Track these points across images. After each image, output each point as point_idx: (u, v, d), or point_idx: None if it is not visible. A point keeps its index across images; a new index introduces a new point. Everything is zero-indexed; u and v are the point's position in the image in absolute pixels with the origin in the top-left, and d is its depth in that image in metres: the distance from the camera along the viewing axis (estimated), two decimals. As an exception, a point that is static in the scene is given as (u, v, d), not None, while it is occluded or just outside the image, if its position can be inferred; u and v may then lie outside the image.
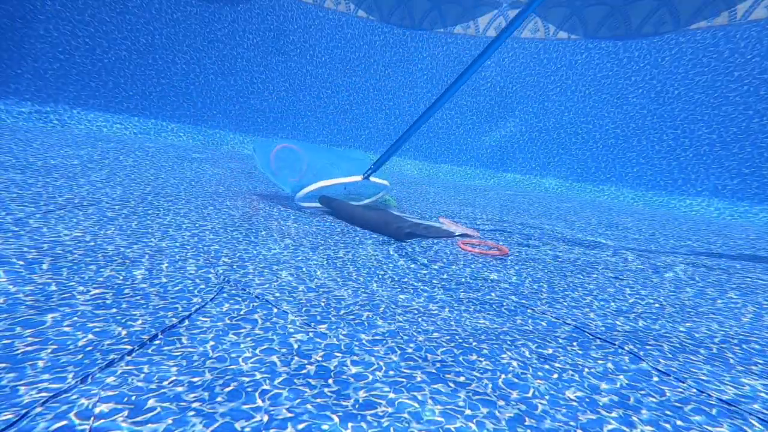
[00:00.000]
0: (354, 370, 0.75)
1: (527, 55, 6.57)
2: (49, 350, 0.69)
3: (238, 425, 0.57)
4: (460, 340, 0.93)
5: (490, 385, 0.76)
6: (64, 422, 0.54)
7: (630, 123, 6.02)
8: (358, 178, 2.23)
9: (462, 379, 0.77)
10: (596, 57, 6.23)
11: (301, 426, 0.59)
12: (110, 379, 0.64)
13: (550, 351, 0.93)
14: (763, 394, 0.83)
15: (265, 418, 0.59)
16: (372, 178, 2.30)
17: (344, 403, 0.65)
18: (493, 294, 1.29)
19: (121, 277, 1.03)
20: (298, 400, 0.64)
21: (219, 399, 0.62)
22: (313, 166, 2.36)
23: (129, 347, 0.73)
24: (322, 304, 1.04)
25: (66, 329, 0.77)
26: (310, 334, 0.87)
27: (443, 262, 1.60)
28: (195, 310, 0.91)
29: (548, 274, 1.59)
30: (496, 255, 1.78)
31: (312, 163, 2.40)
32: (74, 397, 0.59)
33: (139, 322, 0.83)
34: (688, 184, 5.51)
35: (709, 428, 0.70)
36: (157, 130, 5.65)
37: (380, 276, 1.33)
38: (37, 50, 5.10)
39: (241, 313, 0.94)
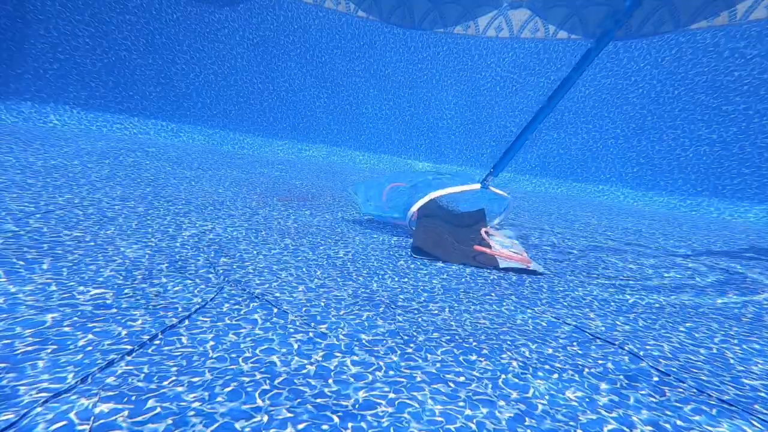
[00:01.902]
0: (354, 370, 0.75)
1: (527, 55, 6.57)
2: (49, 350, 0.69)
3: (238, 425, 0.57)
4: (460, 340, 0.93)
5: (490, 385, 0.76)
6: (64, 422, 0.54)
7: (630, 123, 6.02)
8: (475, 186, 1.92)
9: (462, 379, 0.77)
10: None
11: (301, 426, 0.59)
12: (110, 379, 0.64)
13: (550, 351, 0.93)
14: (762, 394, 0.83)
15: (265, 418, 0.59)
16: (492, 188, 1.99)
17: (344, 403, 0.65)
18: (493, 294, 1.29)
19: (121, 277, 1.03)
20: (298, 400, 0.64)
21: (219, 399, 0.62)
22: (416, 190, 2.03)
23: (129, 347, 0.73)
24: (322, 304, 1.04)
25: (66, 329, 0.76)
26: (310, 334, 0.87)
27: (443, 262, 1.60)
28: (195, 310, 0.91)
29: (547, 277, 1.59)
30: (519, 262, 1.62)
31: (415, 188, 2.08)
32: (74, 397, 0.59)
33: (139, 322, 0.83)
34: (687, 184, 5.51)
35: (709, 428, 0.70)
36: (157, 130, 5.65)
37: (380, 276, 1.33)
38: (37, 50, 5.10)
39: (241, 313, 0.94)
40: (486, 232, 1.89)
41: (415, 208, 1.81)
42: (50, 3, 5.09)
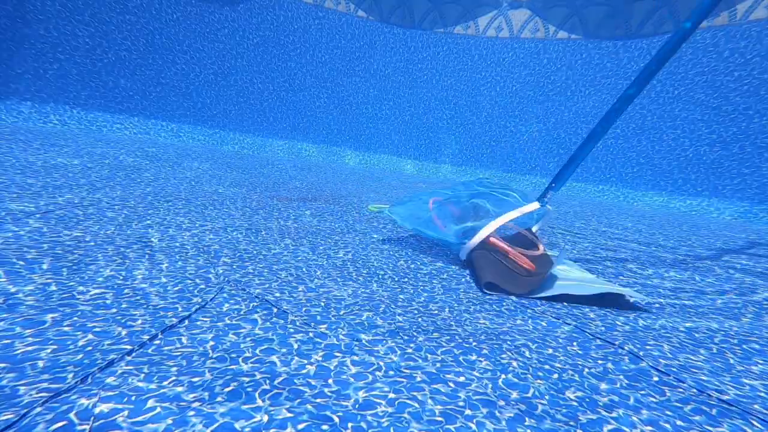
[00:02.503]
0: (354, 370, 0.75)
1: (527, 55, 6.57)
2: (49, 350, 0.69)
3: (238, 425, 0.57)
4: (460, 340, 0.93)
5: (490, 385, 0.76)
6: (64, 422, 0.54)
7: (630, 123, 6.03)
8: (534, 205, 1.66)
9: (462, 379, 0.77)
10: (596, 57, 6.23)
11: (301, 426, 0.59)
12: (110, 379, 0.64)
13: (550, 351, 0.93)
14: (763, 394, 0.83)
15: (265, 418, 0.59)
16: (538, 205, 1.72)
17: (344, 403, 0.65)
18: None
19: (121, 277, 1.03)
20: (298, 400, 0.64)
21: (219, 399, 0.62)
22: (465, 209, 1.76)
23: (129, 347, 0.73)
24: (322, 304, 1.04)
25: (66, 329, 0.76)
26: (310, 334, 0.87)
27: (443, 262, 1.60)
28: (195, 310, 0.91)
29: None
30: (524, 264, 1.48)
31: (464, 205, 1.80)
32: (74, 397, 0.59)
33: (139, 322, 0.83)
34: (688, 184, 5.51)
35: (709, 428, 0.70)
36: (157, 130, 5.65)
37: (380, 276, 1.33)
38: (37, 50, 5.10)
39: (241, 313, 0.94)
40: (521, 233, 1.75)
41: (477, 239, 1.54)
42: (50, 3, 5.09)
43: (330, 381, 0.71)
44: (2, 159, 2.32)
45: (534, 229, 1.92)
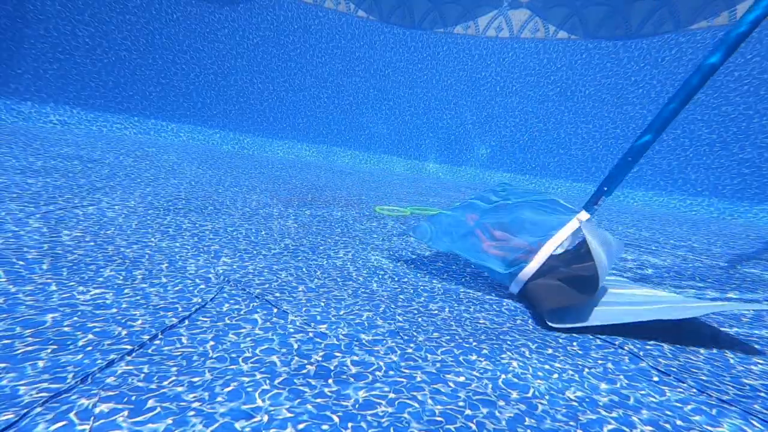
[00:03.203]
0: (354, 370, 0.75)
1: (527, 55, 6.57)
2: (49, 350, 0.69)
3: (238, 425, 0.57)
4: (460, 340, 0.93)
5: (490, 385, 0.76)
6: (64, 422, 0.54)
7: (630, 123, 6.03)
8: (583, 216, 1.35)
9: (462, 379, 0.77)
10: (596, 57, 6.23)
11: (301, 426, 0.59)
12: (110, 379, 0.64)
13: (550, 351, 0.93)
14: (762, 394, 0.83)
15: (265, 418, 0.59)
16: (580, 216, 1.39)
17: (344, 403, 0.65)
18: (493, 294, 1.29)
19: (121, 277, 1.03)
20: (298, 400, 0.64)
21: (219, 399, 0.62)
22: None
23: (129, 347, 0.73)
24: (322, 304, 1.04)
25: (66, 329, 0.76)
26: (310, 334, 0.87)
27: (443, 263, 1.60)
28: (195, 310, 0.91)
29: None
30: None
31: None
32: (74, 397, 0.59)
33: (139, 322, 0.83)
34: (688, 184, 5.51)
35: (709, 428, 0.70)
36: (157, 130, 5.65)
37: (380, 276, 1.33)
38: (37, 50, 5.10)
39: (241, 313, 0.93)
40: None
41: (534, 265, 1.27)
42: (50, 3, 5.09)
43: (330, 381, 0.71)
44: (2, 159, 2.32)
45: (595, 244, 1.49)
